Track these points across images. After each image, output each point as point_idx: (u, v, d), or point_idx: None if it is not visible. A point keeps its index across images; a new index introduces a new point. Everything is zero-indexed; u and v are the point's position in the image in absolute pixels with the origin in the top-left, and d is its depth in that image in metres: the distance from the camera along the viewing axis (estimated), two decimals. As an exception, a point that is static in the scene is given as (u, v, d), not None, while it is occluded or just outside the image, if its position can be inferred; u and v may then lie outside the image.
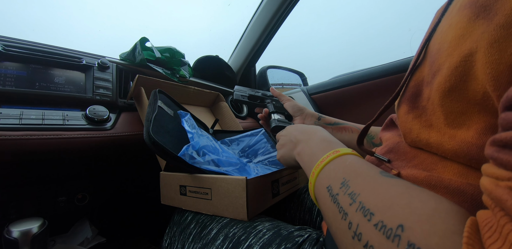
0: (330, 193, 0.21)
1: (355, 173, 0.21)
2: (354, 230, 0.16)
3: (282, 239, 0.30)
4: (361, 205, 0.17)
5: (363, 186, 0.19)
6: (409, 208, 0.15)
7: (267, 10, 0.93)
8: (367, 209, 0.16)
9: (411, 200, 0.15)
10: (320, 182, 0.23)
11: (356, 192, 0.18)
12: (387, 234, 0.14)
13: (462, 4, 0.19)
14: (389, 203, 0.16)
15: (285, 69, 1.26)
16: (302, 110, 0.55)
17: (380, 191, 0.17)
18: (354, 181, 0.20)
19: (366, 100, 0.81)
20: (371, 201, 0.17)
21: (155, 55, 0.71)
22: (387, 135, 0.32)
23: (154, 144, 0.39)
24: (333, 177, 0.22)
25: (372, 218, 0.15)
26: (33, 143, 0.45)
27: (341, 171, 0.22)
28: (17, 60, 0.52)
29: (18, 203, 0.61)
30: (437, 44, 0.21)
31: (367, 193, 0.18)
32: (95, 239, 0.67)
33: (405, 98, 0.26)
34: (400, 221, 0.14)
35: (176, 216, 0.44)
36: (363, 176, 0.20)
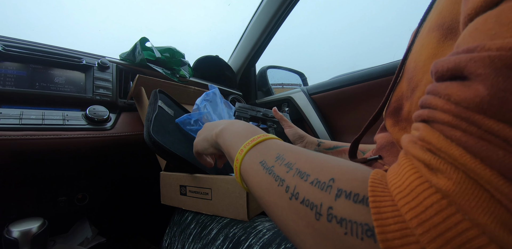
0: (264, 166, 0.22)
1: (288, 150, 0.23)
2: (292, 191, 0.18)
3: (282, 239, 0.30)
4: (298, 170, 0.19)
5: (298, 157, 0.21)
6: (338, 166, 0.18)
7: (267, 10, 0.93)
8: (303, 172, 0.19)
9: (339, 163, 0.19)
10: (251, 159, 0.24)
11: (292, 162, 0.20)
12: (321, 187, 0.17)
13: (430, 27, 0.21)
14: (322, 165, 0.19)
15: (285, 69, 1.26)
16: (302, 138, 0.57)
17: (313, 159, 0.20)
18: (288, 154, 0.22)
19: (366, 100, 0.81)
20: (307, 166, 0.19)
21: (155, 55, 0.71)
22: (379, 135, 0.33)
23: (154, 143, 0.39)
24: (266, 153, 0.24)
25: (308, 178, 0.18)
26: (33, 143, 0.45)
27: (274, 149, 0.24)
28: (17, 60, 0.52)
29: (18, 203, 0.61)
30: (413, 62, 0.23)
31: (303, 162, 0.20)
32: (95, 239, 0.67)
33: (389, 113, 0.28)
34: (331, 175, 0.17)
35: (176, 216, 0.44)
36: (296, 151, 0.22)
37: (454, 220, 0.10)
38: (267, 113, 0.61)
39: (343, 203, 0.15)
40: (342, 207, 0.15)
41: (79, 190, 0.71)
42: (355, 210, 0.14)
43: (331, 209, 0.15)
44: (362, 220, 0.13)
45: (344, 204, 0.15)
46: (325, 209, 0.15)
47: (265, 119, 0.60)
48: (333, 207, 0.15)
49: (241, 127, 0.30)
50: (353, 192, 0.15)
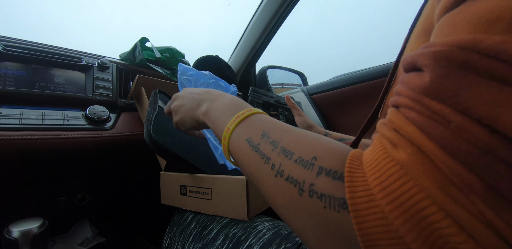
0: (250, 143, 0.23)
1: (273, 127, 0.23)
2: (277, 169, 0.19)
3: (282, 239, 0.30)
4: (283, 148, 0.20)
5: (282, 135, 0.22)
6: (321, 145, 0.19)
7: (267, 10, 0.93)
8: (288, 151, 0.20)
9: (322, 141, 0.20)
10: (238, 136, 0.25)
11: (277, 140, 0.21)
12: (304, 165, 0.18)
13: (418, 32, 0.22)
14: (306, 144, 0.20)
15: (285, 69, 1.26)
16: (311, 127, 0.59)
17: (298, 137, 0.21)
18: (273, 132, 0.22)
19: (366, 101, 0.81)
20: (291, 144, 0.20)
21: (155, 55, 0.71)
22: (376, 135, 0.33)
23: (154, 143, 0.39)
24: (251, 130, 0.24)
25: (292, 156, 0.19)
26: (33, 143, 0.45)
27: (259, 125, 0.24)
28: (17, 60, 0.52)
29: (18, 203, 0.61)
30: None
31: (287, 140, 0.21)
32: (95, 239, 0.67)
33: (383, 115, 0.28)
34: (314, 154, 0.18)
35: (176, 216, 0.44)
36: (281, 128, 0.23)
37: (407, 186, 0.12)
38: (280, 100, 0.62)
39: (324, 180, 0.16)
40: (323, 183, 0.16)
41: (79, 190, 0.71)
42: (333, 186, 0.16)
43: (312, 185, 0.17)
44: (340, 194, 0.15)
45: (324, 181, 0.16)
46: (307, 185, 0.17)
47: (277, 106, 0.61)
48: (314, 183, 0.17)
49: (225, 103, 0.29)
50: (333, 169, 0.16)
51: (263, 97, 0.62)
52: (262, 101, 0.61)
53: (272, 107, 0.62)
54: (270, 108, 0.62)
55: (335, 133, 0.57)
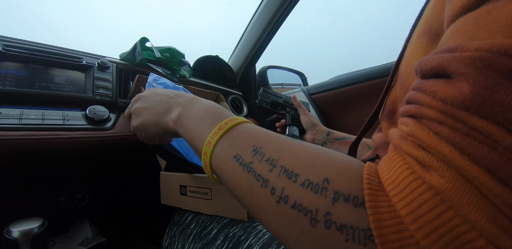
0: (240, 162, 0.19)
1: (265, 140, 0.20)
2: (279, 195, 0.16)
3: (282, 239, 0.30)
4: (283, 168, 0.17)
5: (279, 151, 0.19)
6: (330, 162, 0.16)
7: (267, 10, 0.93)
8: (291, 172, 0.17)
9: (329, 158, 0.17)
10: (223, 152, 0.21)
11: (274, 158, 0.18)
12: (314, 189, 0.15)
13: (419, 32, 0.22)
14: (311, 162, 0.17)
15: (285, 69, 1.26)
16: (315, 126, 0.60)
17: (299, 153, 0.18)
18: (267, 146, 0.19)
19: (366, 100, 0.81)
20: (294, 163, 0.17)
21: (155, 55, 0.71)
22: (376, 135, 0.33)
23: (154, 143, 0.39)
24: (240, 144, 0.20)
25: (297, 178, 0.16)
26: (33, 143, 0.45)
27: (249, 138, 0.20)
28: (17, 60, 0.52)
29: (18, 203, 0.61)
30: (405, 67, 0.24)
31: (287, 157, 0.18)
32: (95, 239, 0.67)
33: (384, 116, 0.28)
34: (325, 175, 0.15)
35: (176, 216, 0.44)
36: (275, 142, 0.20)
37: (447, 216, 0.11)
38: (287, 100, 0.64)
39: (343, 207, 0.14)
40: (342, 212, 0.14)
41: (79, 190, 0.71)
42: (356, 214, 0.13)
43: (329, 214, 0.14)
44: (365, 225, 0.13)
45: (343, 208, 0.14)
46: (321, 214, 0.14)
47: (284, 105, 0.63)
48: (331, 212, 0.14)
49: (202, 110, 0.25)
50: (352, 194, 0.14)
51: (272, 97, 0.64)
52: (271, 100, 0.63)
53: (280, 106, 0.64)
54: (278, 108, 0.64)
55: (337, 132, 0.58)
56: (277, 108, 0.64)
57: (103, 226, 0.76)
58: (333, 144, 0.56)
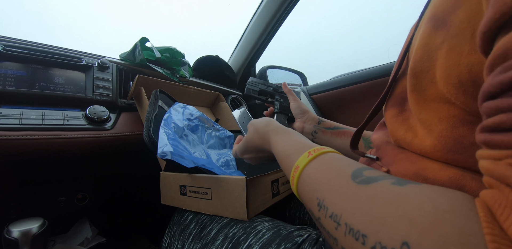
0: (314, 218, 0.19)
1: (327, 189, 0.19)
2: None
3: (282, 239, 0.30)
4: (348, 227, 0.15)
5: (341, 203, 0.16)
6: (406, 219, 0.12)
7: (267, 10, 0.93)
8: (356, 231, 0.14)
9: (404, 209, 0.13)
10: (305, 205, 0.21)
11: (337, 214, 0.16)
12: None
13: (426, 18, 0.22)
14: (379, 218, 0.14)
15: (285, 69, 1.26)
16: (304, 113, 0.56)
17: (362, 205, 0.15)
18: (329, 199, 0.18)
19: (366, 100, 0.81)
20: (358, 219, 0.14)
21: (155, 55, 0.71)
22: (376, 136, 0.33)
23: (154, 144, 0.39)
24: (307, 200, 0.20)
25: (366, 241, 0.13)
26: (33, 143, 0.45)
27: (312, 191, 0.20)
28: (17, 60, 0.52)
29: (18, 203, 0.61)
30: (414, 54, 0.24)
31: (350, 212, 0.15)
32: (95, 239, 0.67)
33: (393, 103, 0.28)
34: (403, 238, 0.12)
35: (176, 216, 0.44)
36: (337, 191, 0.18)
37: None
38: (277, 89, 0.62)
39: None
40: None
41: (79, 190, 0.71)
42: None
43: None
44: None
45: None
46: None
47: (273, 94, 0.61)
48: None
49: (283, 164, 0.28)
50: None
51: (260, 86, 0.62)
52: (258, 89, 0.61)
53: (269, 94, 0.61)
54: (266, 96, 0.62)
55: (329, 121, 0.55)
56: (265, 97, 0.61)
57: (103, 226, 0.76)
58: (324, 133, 0.52)
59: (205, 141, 0.60)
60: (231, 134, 0.68)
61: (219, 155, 0.59)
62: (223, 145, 0.65)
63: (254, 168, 0.60)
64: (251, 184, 0.36)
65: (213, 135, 0.64)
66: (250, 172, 0.58)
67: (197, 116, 0.61)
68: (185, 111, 0.58)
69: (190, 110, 0.60)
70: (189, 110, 0.60)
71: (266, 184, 0.41)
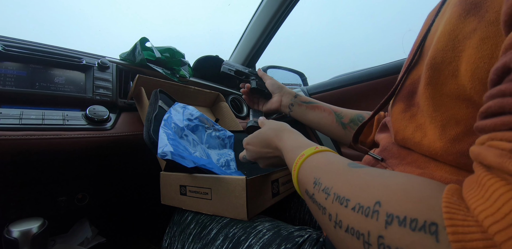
0: (308, 195, 0.22)
1: (324, 170, 0.22)
2: (335, 220, 0.17)
3: (282, 239, 0.30)
4: (336, 195, 0.18)
5: (334, 179, 0.20)
6: (383, 186, 0.16)
7: (267, 10, 0.93)
8: (342, 197, 0.17)
9: (384, 180, 0.16)
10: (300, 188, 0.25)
11: (328, 186, 0.19)
12: (365, 213, 0.15)
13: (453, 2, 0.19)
14: (364, 186, 0.17)
15: (285, 69, 1.26)
16: (280, 88, 0.58)
17: (352, 180, 0.18)
18: (325, 177, 0.21)
19: (366, 100, 0.81)
20: (345, 189, 0.18)
21: (155, 55, 0.71)
22: (381, 136, 0.33)
23: (154, 144, 0.39)
24: (305, 181, 0.23)
25: (348, 203, 0.16)
26: (33, 143, 0.45)
27: (310, 172, 0.23)
28: (17, 60, 0.52)
29: (18, 203, 0.61)
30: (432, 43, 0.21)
31: (340, 184, 0.18)
32: (95, 239, 0.67)
33: (401, 96, 0.26)
34: (376, 199, 0.15)
35: (176, 216, 0.44)
36: (332, 171, 0.21)
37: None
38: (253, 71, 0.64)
39: (397, 231, 0.13)
40: (397, 236, 0.13)
41: (79, 190, 0.71)
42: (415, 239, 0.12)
43: (381, 238, 0.13)
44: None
45: (398, 232, 0.13)
46: (374, 238, 0.14)
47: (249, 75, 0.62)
48: (384, 236, 0.13)
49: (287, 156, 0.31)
50: (408, 216, 0.13)
51: (237, 66, 0.63)
52: (235, 69, 0.62)
53: (245, 75, 0.63)
54: (242, 76, 0.63)
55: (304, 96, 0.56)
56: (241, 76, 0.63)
57: (103, 226, 0.76)
58: (300, 106, 0.55)
59: (205, 141, 0.60)
60: (231, 134, 0.68)
61: (219, 155, 0.59)
62: (223, 145, 0.65)
63: (254, 168, 0.60)
64: (251, 184, 0.36)
65: (213, 135, 0.64)
66: (250, 172, 0.58)
67: (197, 116, 0.61)
68: (185, 112, 0.58)
69: (190, 111, 0.60)
70: (189, 110, 0.60)
71: (266, 184, 0.41)
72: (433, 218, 0.12)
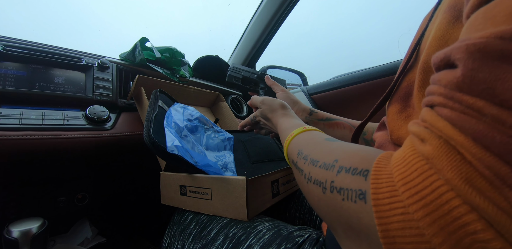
0: (293, 163, 0.28)
1: (306, 144, 0.27)
2: (308, 177, 0.22)
3: (282, 239, 0.30)
4: (311, 159, 0.23)
5: (311, 149, 0.25)
6: (343, 150, 0.21)
7: (267, 10, 0.93)
8: (314, 160, 0.22)
9: (346, 148, 0.21)
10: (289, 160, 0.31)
11: (307, 154, 0.24)
12: (326, 167, 0.20)
13: (444, 8, 0.21)
14: (330, 152, 0.22)
15: (285, 69, 1.26)
16: (294, 104, 0.53)
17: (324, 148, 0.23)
18: (305, 148, 0.26)
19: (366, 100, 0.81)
20: (318, 155, 0.23)
21: (155, 55, 0.71)
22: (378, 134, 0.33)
23: (153, 144, 0.39)
24: (292, 153, 0.29)
25: (317, 163, 0.21)
26: (33, 143, 0.45)
27: (296, 146, 0.29)
28: (17, 60, 0.52)
29: (18, 203, 0.61)
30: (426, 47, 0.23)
31: (315, 152, 0.24)
32: (95, 239, 0.67)
33: (397, 98, 0.27)
34: (336, 158, 0.20)
35: (176, 216, 0.44)
36: (312, 144, 0.26)
37: (431, 179, 0.12)
38: (262, 76, 0.58)
39: (343, 176, 0.17)
40: (342, 179, 0.17)
41: (79, 190, 0.71)
42: (352, 180, 0.16)
43: (333, 182, 0.18)
44: (356, 187, 0.16)
45: (343, 177, 0.17)
46: (328, 183, 0.18)
47: (257, 81, 0.58)
48: (334, 181, 0.18)
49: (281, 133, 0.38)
50: (352, 167, 0.17)
51: (244, 72, 0.58)
52: (241, 76, 0.58)
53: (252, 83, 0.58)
54: (250, 84, 0.58)
55: (321, 112, 0.54)
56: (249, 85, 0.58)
57: (103, 226, 0.76)
58: (317, 125, 0.52)
59: (204, 142, 0.60)
60: (231, 136, 0.68)
61: (217, 157, 0.59)
62: (223, 146, 0.65)
63: (254, 168, 0.60)
64: (251, 184, 0.36)
65: (213, 136, 0.64)
66: (250, 172, 0.58)
67: (197, 117, 0.60)
68: (185, 112, 0.58)
69: (190, 111, 0.60)
70: (189, 110, 0.60)
71: (266, 184, 0.41)
72: (367, 167, 0.16)
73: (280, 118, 0.41)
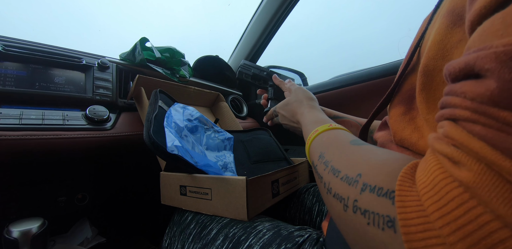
0: (314, 166, 0.26)
1: (329, 146, 0.26)
2: (327, 187, 0.21)
3: (282, 239, 0.30)
4: (331, 167, 0.22)
5: (334, 154, 0.23)
6: (367, 161, 0.19)
7: (267, 10, 0.93)
8: (336, 169, 0.21)
9: (370, 157, 0.19)
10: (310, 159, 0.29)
11: (328, 160, 0.23)
12: (349, 182, 0.18)
13: (443, 12, 0.21)
14: (353, 162, 0.20)
15: (285, 69, 1.26)
16: None
17: (347, 155, 0.22)
18: (328, 152, 0.25)
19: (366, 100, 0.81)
20: (339, 163, 0.21)
21: (155, 55, 0.71)
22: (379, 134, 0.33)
23: (153, 144, 0.39)
24: (314, 154, 0.28)
25: (338, 174, 0.20)
26: (33, 143, 0.45)
27: (318, 147, 0.27)
28: (17, 60, 0.52)
29: (18, 203, 0.61)
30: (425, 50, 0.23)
31: (337, 159, 0.22)
32: (95, 239, 0.67)
33: (400, 100, 0.27)
34: (359, 171, 0.18)
35: (176, 216, 0.44)
36: (335, 147, 0.25)
37: (475, 212, 0.10)
38: (271, 73, 0.60)
39: (368, 196, 0.16)
40: (366, 200, 0.16)
41: (79, 190, 0.71)
42: (378, 202, 0.15)
43: (356, 201, 0.17)
44: (384, 212, 0.14)
45: (368, 197, 0.16)
46: (351, 201, 0.17)
47: (266, 79, 0.59)
48: (358, 199, 0.17)
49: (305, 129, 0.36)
50: (378, 186, 0.16)
51: (254, 70, 0.59)
52: (252, 73, 0.59)
53: (262, 79, 0.59)
54: (259, 81, 0.60)
55: (329, 110, 0.55)
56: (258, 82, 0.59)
57: (103, 226, 0.76)
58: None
59: (204, 142, 0.60)
60: (231, 136, 0.68)
61: (217, 157, 0.59)
62: (223, 146, 0.65)
63: (254, 168, 0.60)
64: (251, 184, 0.36)
65: (213, 136, 0.64)
66: (250, 172, 0.58)
67: (197, 117, 0.60)
68: (185, 112, 0.58)
69: (190, 111, 0.60)
70: (189, 110, 0.60)
71: (266, 184, 0.41)
72: (393, 187, 0.15)
73: (306, 110, 0.41)
